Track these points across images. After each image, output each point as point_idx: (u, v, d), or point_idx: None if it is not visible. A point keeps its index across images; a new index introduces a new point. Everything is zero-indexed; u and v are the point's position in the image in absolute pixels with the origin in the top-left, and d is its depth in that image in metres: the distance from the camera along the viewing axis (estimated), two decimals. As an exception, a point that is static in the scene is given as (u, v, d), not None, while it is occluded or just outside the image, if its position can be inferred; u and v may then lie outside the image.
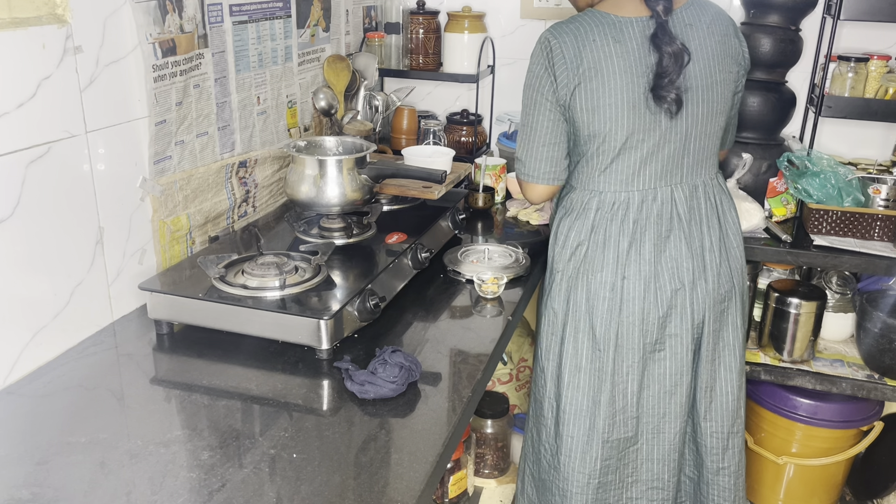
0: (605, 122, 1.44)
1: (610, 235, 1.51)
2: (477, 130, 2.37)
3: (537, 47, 1.47)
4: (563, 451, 1.59)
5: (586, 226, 1.53)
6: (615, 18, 1.43)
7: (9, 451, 1.06)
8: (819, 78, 2.16)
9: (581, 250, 1.54)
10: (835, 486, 2.27)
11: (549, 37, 1.45)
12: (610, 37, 1.42)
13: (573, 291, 1.55)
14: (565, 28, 1.44)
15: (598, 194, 1.52)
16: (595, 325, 1.53)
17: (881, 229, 1.98)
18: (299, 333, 1.31)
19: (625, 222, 1.50)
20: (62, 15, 1.24)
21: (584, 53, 1.41)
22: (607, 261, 1.51)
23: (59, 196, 1.27)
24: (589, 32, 1.42)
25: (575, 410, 1.56)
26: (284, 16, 1.87)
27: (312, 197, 1.59)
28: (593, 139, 1.47)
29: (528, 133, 1.52)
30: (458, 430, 1.16)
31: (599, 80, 1.41)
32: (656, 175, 1.50)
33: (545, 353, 1.62)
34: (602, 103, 1.43)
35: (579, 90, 1.43)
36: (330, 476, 1.01)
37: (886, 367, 2.04)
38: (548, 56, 1.44)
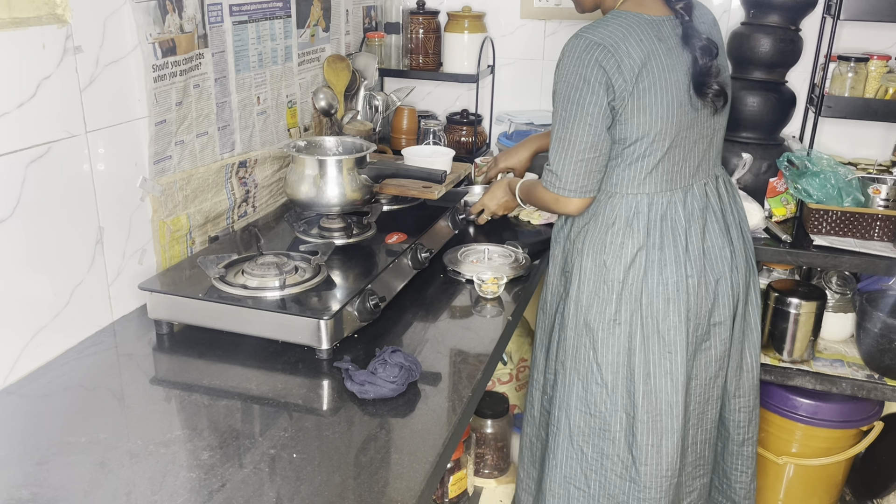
0: (655, 122, 1.41)
1: (665, 236, 1.48)
2: (477, 130, 2.37)
3: (580, 53, 1.37)
4: (642, 461, 1.53)
5: (640, 231, 1.48)
6: (648, 18, 1.41)
7: (9, 451, 1.06)
8: (819, 78, 2.16)
9: (641, 257, 1.48)
10: (835, 486, 2.27)
11: (594, 39, 1.36)
12: (653, 35, 1.39)
13: (638, 300, 1.49)
14: (606, 30, 1.37)
15: (647, 196, 1.48)
16: (663, 328, 1.49)
17: (881, 229, 1.98)
18: (299, 333, 1.31)
19: (676, 221, 1.49)
20: (62, 15, 1.24)
21: (633, 53, 1.36)
22: (668, 261, 1.48)
23: (58, 196, 1.27)
24: (632, 32, 1.38)
25: (652, 418, 1.51)
26: (284, 16, 1.87)
27: (312, 197, 1.59)
28: (641, 141, 1.43)
29: (567, 146, 1.42)
30: (458, 430, 1.16)
31: (650, 80, 1.38)
32: (692, 171, 1.51)
33: (611, 367, 1.52)
34: (653, 103, 1.40)
35: (633, 93, 1.38)
36: (330, 476, 1.01)
37: (886, 367, 2.04)
38: (597, 61, 1.36)
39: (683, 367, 1.50)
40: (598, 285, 1.51)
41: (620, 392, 1.52)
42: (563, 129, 1.42)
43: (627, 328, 1.50)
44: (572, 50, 1.39)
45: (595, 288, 1.52)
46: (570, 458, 1.59)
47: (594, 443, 1.56)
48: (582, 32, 1.39)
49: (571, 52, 1.39)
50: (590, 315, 1.52)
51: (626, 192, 1.49)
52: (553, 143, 1.45)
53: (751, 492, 1.76)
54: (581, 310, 1.53)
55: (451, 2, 2.45)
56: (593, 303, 1.52)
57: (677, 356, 1.50)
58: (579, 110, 1.39)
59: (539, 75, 2.48)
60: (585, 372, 1.54)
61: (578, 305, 1.53)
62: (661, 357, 1.50)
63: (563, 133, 1.43)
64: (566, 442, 1.58)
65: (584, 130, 1.40)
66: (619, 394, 1.52)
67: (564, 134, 1.42)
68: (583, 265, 1.53)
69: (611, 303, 1.50)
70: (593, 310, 1.52)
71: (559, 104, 1.43)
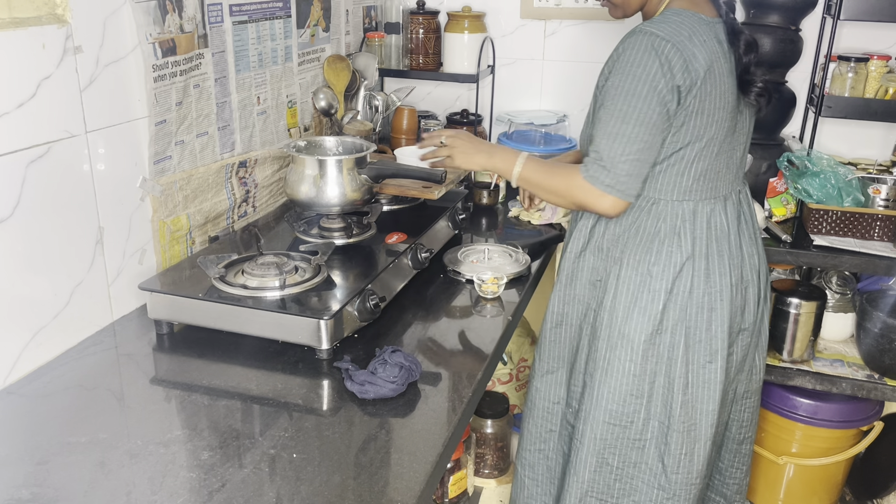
0: (710, 126, 1.37)
1: (711, 245, 1.44)
2: (477, 130, 2.37)
3: (647, 49, 1.31)
4: (673, 469, 1.50)
5: (687, 240, 1.43)
6: (706, 19, 1.37)
7: (9, 451, 1.06)
8: (819, 78, 2.16)
9: (689, 267, 1.43)
10: (835, 486, 2.27)
11: (660, 35, 1.31)
12: (713, 37, 1.36)
13: (684, 310, 1.44)
14: (671, 27, 1.33)
15: (693, 204, 1.43)
16: (706, 337, 1.45)
17: (881, 229, 1.98)
18: (299, 333, 1.31)
19: (720, 229, 1.45)
20: (62, 15, 1.24)
21: (698, 54, 1.32)
22: (713, 271, 1.44)
23: (59, 196, 1.27)
24: (696, 32, 1.34)
25: (687, 427, 1.48)
26: (284, 16, 1.87)
27: (312, 197, 1.59)
28: (693, 145, 1.38)
29: (625, 141, 1.33)
30: (458, 430, 1.16)
31: (712, 82, 1.34)
32: (732, 178, 1.48)
33: (647, 377, 1.46)
34: (711, 107, 1.36)
35: (696, 95, 1.33)
36: (330, 476, 1.01)
37: (886, 367, 2.04)
38: (666, 59, 1.30)
39: (722, 376, 1.47)
40: (640, 295, 1.45)
41: (655, 402, 1.48)
42: (621, 123, 1.33)
43: (669, 338, 1.44)
44: (637, 45, 1.32)
45: (635, 298, 1.45)
46: (594, 470, 1.53)
47: (622, 452, 1.51)
48: (645, 28, 1.33)
49: (636, 47, 1.32)
50: (628, 326, 1.45)
51: (671, 198, 1.42)
52: (605, 136, 1.35)
53: (743, 486, 1.76)
54: (617, 320, 1.46)
55: (451, 2, 2.44)
56: (633, 313, 1.45)
57: (717, 364, 1.47)
58: (643, 106, 1.32)
59: (539, 75, 2.48)
60: (618, 383, 1.47)
61: (614, 316, 1.46)
62: (702, 367, 1.46)
63: (620, 127, 1.34)
64: (590, 455, 1.52)
65: (645, 129, 1.33)
66: (654, 403, 1.48)
67: (623, 129, 1.33)
68: (621, 275, 1.46)
69: (654, 313, 1.44)
70: (633, 321, 1.45)
71: (618, 98, 1.34)
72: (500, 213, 2.14)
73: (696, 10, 1.38)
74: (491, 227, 2.06)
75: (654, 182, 1.42)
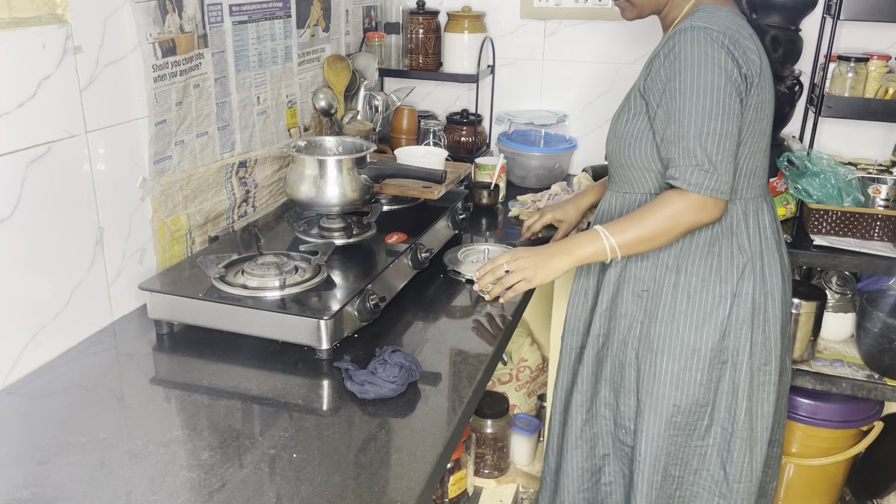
0: (762, 120, 1.36)
1: (765, 244, 1.42)
2: (477, 130, 2.37)
3: (707, 43, 1.26)
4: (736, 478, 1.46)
5: (745, 241, 1.40)
6: (741, 14, 1.38)
7: (9, 451, 1.06)
8: (819, 78, 2.16)
9: (749, 269, 1.39)
10: (835, 486, 2.27)
11: (716, 29, 1.28)
12: (756, 35, 1.36)
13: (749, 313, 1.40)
14: (722, 22, 1.29)
15: (743, 203, 1.40)
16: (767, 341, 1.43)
17: (881, 229, 1.98)
18: (299, 333, 1.31)
19: (770, 228, 1.44)
20: (62, 15, 1.24)
21: (752, 46, 1.31)
22: (772, 271, 1.42)
23: (58, 196, 1.27)
24: (743, 27, 1.32)
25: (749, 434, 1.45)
26: (284, 16, 1.87)
27: (312, 197, 1.59)
28: (747, 141, 1.36)
29: (721, 139, 1.27)
30: (458, 430, 1.16)
31: (763, 79, 1.33)
32: (767, 175, 1.47)
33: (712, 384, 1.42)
34: (764, 100, 1.35)
35: (755, 88, 1.32)
36: (330, 476, 1.01)
37: (886, 367, 2.04)
38: (729, 51, 1.27)
39: (776, 377, 1.45)
40: (704, 302, 1.38)
41: (719, 408, 1.43)
42: (710, 120, 1.26)
43: (733, 342, 1.40)
44: (695, 40, 1.27)
45: (699, 306, 1.39)
46: (660, 486, 1.47)
47: (683, 460, 1.47)
48: (695, 23, 1.29)
49: (695, 42, 1.27)
50: (693, 336, 1.39)
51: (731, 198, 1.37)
52: (696, 138, 1.27)
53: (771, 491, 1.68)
54: (679, 331, 1.39)
55: (451, 2, 2.44)
56: (698, 322, 1.39)
57: (772, 365, 1.44)
58: (725, 99, 1.27)
59: (539, 75, 2.48)
60: (683, 395, 1.41)
61: (674, 327, 1.40)
62: (758, 370, 1.43)
63: (711, 125, 1.27)
64: (655, 473, 1.46)
65: (733, 121, 1.28)
66: (718, 409, 1.43)
67: (714, 126, 1.27)
68: (680, 283, 1.39)
69: (721, 319, 1.38)
70: (699, 330, 1.39)
71: (697, 96, 1.27)
72: (500, 213, 2.14)
73: (731, 6, 1.38)
74: (491, 227, 2.06)
75: None
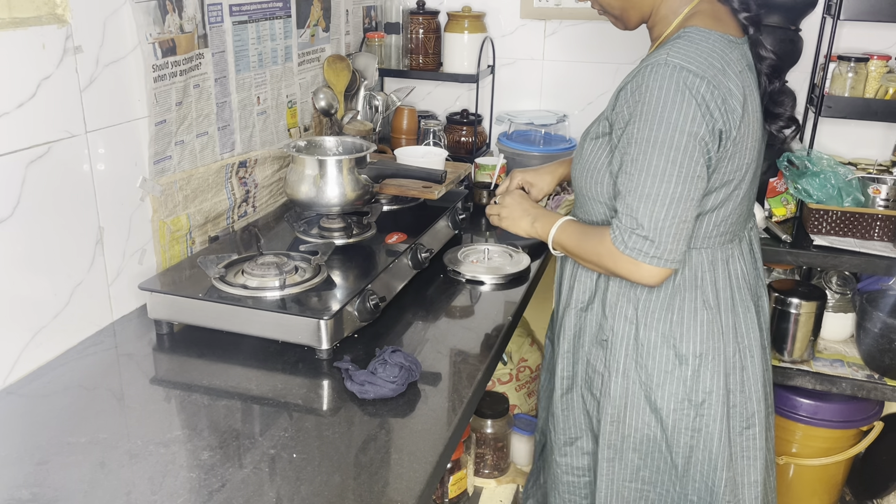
0: (741, 168, 1.22)
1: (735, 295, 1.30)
2: (477, 130, 2.37)
3: (677, 91, 1.12)
4: None
5: (709, 292, 1.27)
6: (735, 40, 1.20)
7: (9, 451, 1.06)
8: (819, 78, 2.16)
9: (717, 321, 1.28)
10: (835, 486, 2.27)
11: (692, 70, 1.12)
12: (745, 63, 1.20)
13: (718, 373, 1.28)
14: (702, 58, 1.14)
15: (710, 251, 1.28)
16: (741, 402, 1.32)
17: (881, 229, 1.98)
18: (299, 333, 1.31)
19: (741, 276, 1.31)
20: (62, 15, 1.24)
21: (734, 89, 1.15)
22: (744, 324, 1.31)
23: (59, 196, 1.27)
24: (729, 62, 1.16)
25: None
26: (284, 16, 1.87)
27: (312, 197, 1.59)
28: (725, 187, 1.23)
29: (669, 205, 1.14)
30: (458, 430, 1.16)
31: (748, 119, 1.19)
32: (748, 215, 1.35)
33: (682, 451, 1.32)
34: (744, 147, 1.20)
35: (734, 136, 1.17)
36: (330, 476, 1.01)
37: (886, 367, 2.04)
38: (700, 99, 1.12)
39: (762, 442, 1.35)
40: (666, 360, 1.28)
41: (693, 479, 1.32)
42: (660, 182, 1.14)
43: (706, 409, 1.28)
44: (665, 83, 1.12)
45: (661, 363, 1.28)
46: None
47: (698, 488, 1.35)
48: (671, 60, 1.13)
49: (664, 87, 1.12)
50: (657, 394, 1.29)
51: (692, 246, 1.26)
52: (641, 199, 1.16)
53: None
54: (640, 388, 1.30)
55: (451, 2, 2.44)
56: (662, 381, 1.28)
57: (755, 429, 1.34)
58: (684, 160, 1.13)
59: (539, 75, 2.48)
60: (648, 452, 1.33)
61: (636, 383, 1.30)
62: (739, 434, 1.33)
63: (660, 187, 1.14)
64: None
65: (689, 186, 1.14)
66: (691, 480, 1.33)
67: (663, 188, 1.14)
68: (639, 337, 1.28)
69: (684, 381, 1.28)
70: (662, 389, 1.29)
71: (651, 152, 1.14)
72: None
73: (723, 29, 1.20)
74: (491, 227, 2.06)
75: None
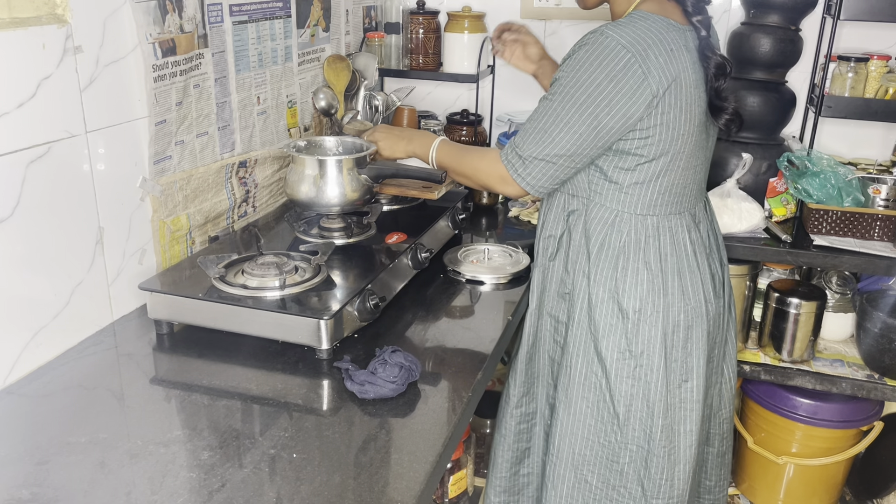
0: (676, 140, 1.32)
1: (682, 260, 1.40)
2: (477, 130, 2.37)
3: (605, 54, 1.24)
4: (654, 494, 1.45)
5: (654, 256, 1.38)
6: (676, 25, 1.30)
7: (9, 451, 1.06)
8: (819, 78, 2.16)
9: (658, 283, 1.38)
10: (835, 486, 2.27)
11: (621, 42, 1.24)
12: (682, 45, 1.29)
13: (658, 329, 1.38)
14: (636, 33, 1.25)
15: (657, 219, 1.39)
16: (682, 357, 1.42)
17: (881, 229, 1.98)
18: (299, 333, 1.31)
19: (689, 245, 1.41)
20: (62, 15, 1.24)
21: (662, 63, 1.25)
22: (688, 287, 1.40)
23: (59, 196, 1.27)
24: (662, 40, 1.26)
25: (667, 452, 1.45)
26: (284, 16, 1.87)
27: (312, 197, 1.59)
28: (659, 160, 1.34)
29: (549, 141, 1.32)
30: (458, 430, 1.16)
31: (677, 95, 1.28)
32: (696, 193, 1.45)
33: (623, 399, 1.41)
34: (678, 119, 1.30)
35: (657, 106, 1.27)
36: (330, 476, 1.01)
37: (886, 367, 2.04)
38: (624, 67, 1.24)
39: (700, 395, 1.43)
40: (609, 313, 1.39)
41: (633, 426, 1.42)
42: (551, 123, 1.31)
43: (646, 360, 1.39)
44: (592, 47, 1.26)
45: (605, 316, 1.40)
46: (572, 486, 1.48)
47: (600, 472, 1.46)
48: (607, 30, 1.26)
49: (591, 50, 1.26)
50: (602, 345, 1.40)
51: (634, 212, 1.38)
52: (532, 130, 1.34)
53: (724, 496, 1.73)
54: (590, 338, 1.41)
55: (451, 2, 2.44)
56: (606, 332, 1.40)
57: (693, 382, 1.43)
58: (575, 115, 1.28)
59: (539, 75, 2.47)
60: (595, 400, 1.43)
61: (588, 333, 1.42)
62: (678, 387, 1.42)
63: (548, 127, 1.31)
64: (568, 470, 1.47)
65: (571, 138, 1.30)
66: (630, 427, 1.42)
67: (550, 129, 1.31)
68: (591, 291, 1.40)
69: (625, 333, 1.39)
70: (607, 340, 1.40)
71: (556, 97, 1.30)
72: (500, 213, 2.14)
73: (666, 14, 1.31)
74: (491, 227, 2.06)
75: (619, 194, 1.38)
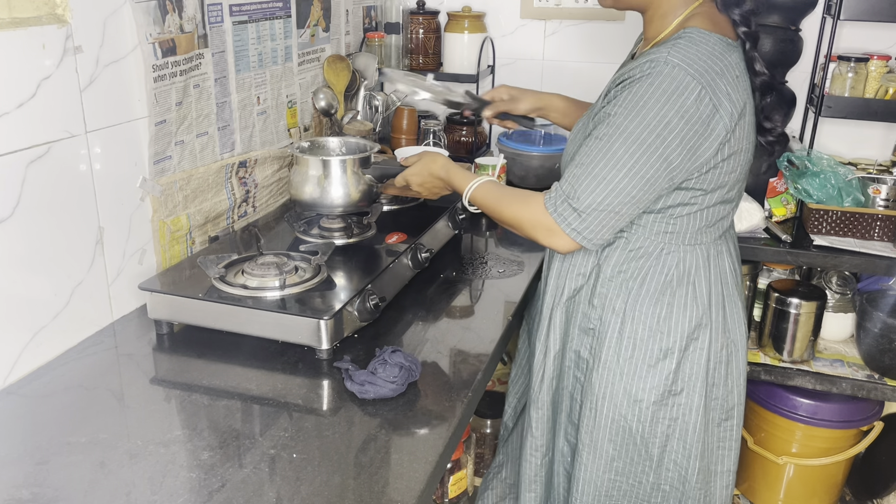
0: (737, 169, 1.23)
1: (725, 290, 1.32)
2: (477, 130, 2.37)
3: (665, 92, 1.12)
4: None
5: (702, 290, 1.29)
6: (733, 43, 1.20)
7: (9, 451, 1.06)
8: (819, 78, 2.16)
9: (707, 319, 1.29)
10: (835, 486, 2.27)
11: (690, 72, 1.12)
12: (742, 68, 1.20)
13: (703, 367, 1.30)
14: (702, 61, 1.13)
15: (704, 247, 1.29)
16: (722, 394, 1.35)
17: (881, 229, 1.98)
18: (299, 333, 1.31)
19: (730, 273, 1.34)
20: (62, 15, 1.24)
21: (732, 94, 1.15)
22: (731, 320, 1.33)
23: (58, 196, 1.27)
24: (728, 66, 1.16)
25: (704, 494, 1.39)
26: (284, 16, 1.87)
27: (316, 198, 1.59)
28: (722, 189, 1.24)
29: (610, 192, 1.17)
30: (458, 430, 1.16)
31: (744, 123, 1.19)
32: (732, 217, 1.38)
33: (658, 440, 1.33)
34: (740, 149, 1.21)
35: (728, 140, 1.18)
36: (330, 476, 1.01)
37: (886, 367, 2.04)
38: (687, 105, 1.12)
39: (739, 433, 1.39)
40: (649, 353, 1.29)
41: (667, 468, 1.34)
42: (611, 168, 1.16)
43: (685, 399, 1.30)
44: (662, 79, 1.12)
45: (644, 356, 1.29)
46: None
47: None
48: (671, 59, 1.13)
49: (660, 81, 1.12)
50: (637, 386, 1.29)
51: (682, 242, 1.27)
52: (587, 177, 1.18)
53: None
54: (620, 380, 1.30)
55: (451, 2, 2.45)
56: (644, 374, 1.29)
57: (733, 421, 1.37)
58: (643, 158, 1.14)
59: (539, 75, 2.48)
60: (623, 445, 1.33)
61: (617, 375, 1.31)
62: (717, 426, 1.36)
63: (609, 173, 1.16)
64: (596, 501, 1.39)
65: (637, 184, 1.16)
66: (664, 468, 1.34)
67: (612, 175, 1.16)
68: (626, 330, 1.29)
69: (667, 373, 1.29)
70: (644, 382, 1.30)
71: (616, 137, 1.15)
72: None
73: (719, 30, 1.19)
74: (491, 226, 2.06)
75: (665, 225, 1.26)
